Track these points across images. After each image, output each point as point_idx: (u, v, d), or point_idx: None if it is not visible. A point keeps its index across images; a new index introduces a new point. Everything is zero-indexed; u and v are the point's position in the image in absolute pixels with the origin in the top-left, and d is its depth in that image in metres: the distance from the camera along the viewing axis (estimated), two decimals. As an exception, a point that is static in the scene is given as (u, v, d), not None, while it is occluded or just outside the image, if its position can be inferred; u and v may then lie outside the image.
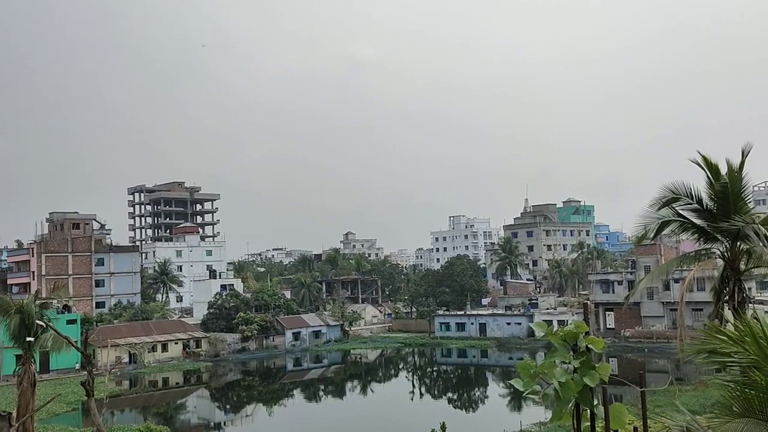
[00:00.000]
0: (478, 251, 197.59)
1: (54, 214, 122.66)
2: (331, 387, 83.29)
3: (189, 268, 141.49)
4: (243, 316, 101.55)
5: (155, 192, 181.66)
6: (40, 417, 49.54)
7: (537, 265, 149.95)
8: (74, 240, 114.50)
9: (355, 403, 73.28)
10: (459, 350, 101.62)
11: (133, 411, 68.29)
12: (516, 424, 49.55)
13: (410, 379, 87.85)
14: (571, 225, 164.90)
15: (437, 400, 74.85)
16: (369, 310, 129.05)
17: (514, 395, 73.20)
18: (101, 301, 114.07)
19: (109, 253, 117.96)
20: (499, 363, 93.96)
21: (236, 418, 68.33)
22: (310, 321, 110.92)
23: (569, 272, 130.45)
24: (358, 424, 58.19)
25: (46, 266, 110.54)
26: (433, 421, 37.90)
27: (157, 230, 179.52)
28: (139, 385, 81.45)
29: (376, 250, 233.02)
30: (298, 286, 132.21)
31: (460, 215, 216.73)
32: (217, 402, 76.73)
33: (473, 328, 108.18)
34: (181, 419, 67.29)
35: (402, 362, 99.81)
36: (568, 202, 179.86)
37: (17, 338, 40.58)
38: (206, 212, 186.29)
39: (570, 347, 5.54)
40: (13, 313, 40.49)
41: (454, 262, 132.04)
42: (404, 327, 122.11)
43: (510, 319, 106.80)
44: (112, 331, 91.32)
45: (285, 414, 69.30)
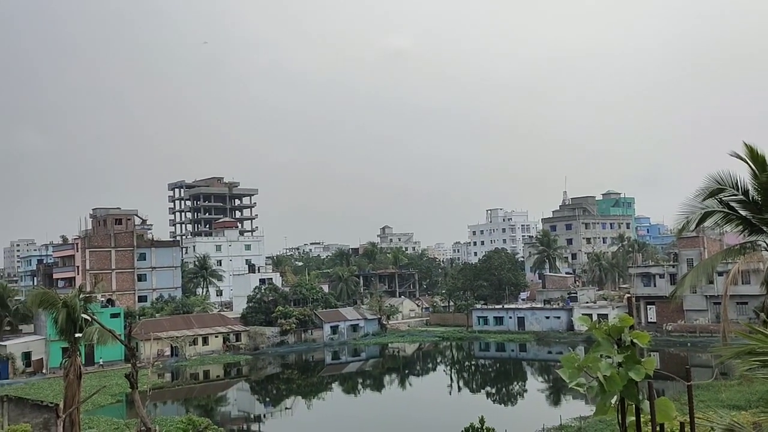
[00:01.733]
0: (516, 245, 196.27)
1: (97, 210, 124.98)
2: (369, 380, 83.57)
3: (228, 262, 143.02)
4: (282, 310, 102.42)
5: (195, 187, 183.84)
6: (85, 408, 50.60)
7: (576, 258, 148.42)
8: (117, 235, 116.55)
9: (393, 397, 73.45)
10: (497, 344, 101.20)
11: (175, 403, 69.36)
12: (555, 419, 49.23)
13: (448, 373, 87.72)
14: (611, 218, 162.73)
15: (475, 394, 74.65)
16: (406, 304, 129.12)
17: (554, 389, 72.73)
18: (143, 295, 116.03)
19: (150, 247, 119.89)
20: (538, 357, 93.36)
21: (276, 411, 68.99)
22: (348, 315, 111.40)
23: (609, 265, 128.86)
24: (396, 418, 58.36)
25: (90, 261, 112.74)
26: (472, 415, 37.90)
27: (196, 225, 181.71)
28: (181, 377, 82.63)
29: (413, 243, 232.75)
30: (336, 279, 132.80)
31: (498, 208, 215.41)
32: (257, 395, 77.52)
33: (512, 322, 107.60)
34: (222, 411, 68.14)
35: (440, 356, 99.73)
36: (607, 195, 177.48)
37: (64, 332, 41.51)
38: (245, 207, 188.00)
39: (614, 341, 5.51)
40: (60, 307, 41.43)
41: (492, 255, 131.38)
42: (442, 321, 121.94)
43: (549, 312, 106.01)
44: (154, 324, 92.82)
45: (324, 407, 69.75)
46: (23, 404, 40.00)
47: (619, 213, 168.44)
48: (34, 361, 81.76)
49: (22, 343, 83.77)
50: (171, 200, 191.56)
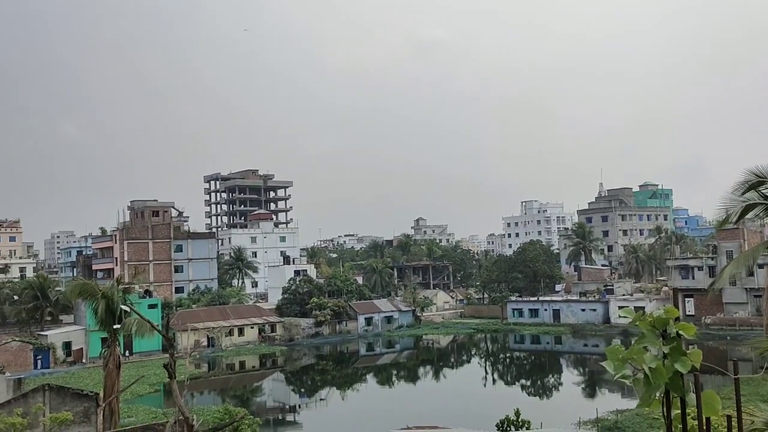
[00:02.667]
0: (551, 237, 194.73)
1: (135, 202, 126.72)
2: (403, 372, 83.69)
3: (263, 254, 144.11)
4: (316, 302, 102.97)
5: (230, 180, 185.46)
6: (124, 398, 51.42)
7: (612, 250, 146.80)
8: (154, 227, 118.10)
9: (427, 388, 73.44)
10: (532, 336, 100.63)
11: (211, 393, 70.19)
12: (591, 412, 48.76)
13: (483, 365, 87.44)
14: (648, 209, 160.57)
15: (510, 386, 74.31)
16: (441, 296, 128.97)
17: (589, 382, 72.14)
18: (180, 286, 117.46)
19: (187, 239, 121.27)
20: (573, 350, 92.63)
21: (311, 402, 69.49)
22: (383, 306, 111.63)
23: (646, 258, 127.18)
24: (430, 409, 58.28)
25: (128, 252, 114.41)
26: (507, 408, 37.80)
27: (232, 217, 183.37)
28: (217, 367, 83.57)
29: (447, 235, 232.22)
30: (370, 271, 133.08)
31: (533, 200, 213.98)
32: (292, 385, 78.10)
33: (547, 314, 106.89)
34: (258, 402, 68.78)
35: (474, 348, 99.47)
36: (644, 186, 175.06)
37: (103, 322, 42.20)
38: (279, 199, 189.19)
39: (659, 333, 5.40)
40: (99, 298, 42.12)
41: (527, 247, 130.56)
42: (476, 313, 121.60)
43: (585, 305, 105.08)
44: (191, 315, 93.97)
45: (358, 398, 70.04)
46: (64, 393, 40.74)
47: (656, 204, 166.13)
48: (74, 350, 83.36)
49: (62, 333, 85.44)
50: (207, 192, 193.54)
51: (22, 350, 78.40)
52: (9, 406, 37.51)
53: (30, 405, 37.18)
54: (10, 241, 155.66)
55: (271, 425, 56.87)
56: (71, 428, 35.99)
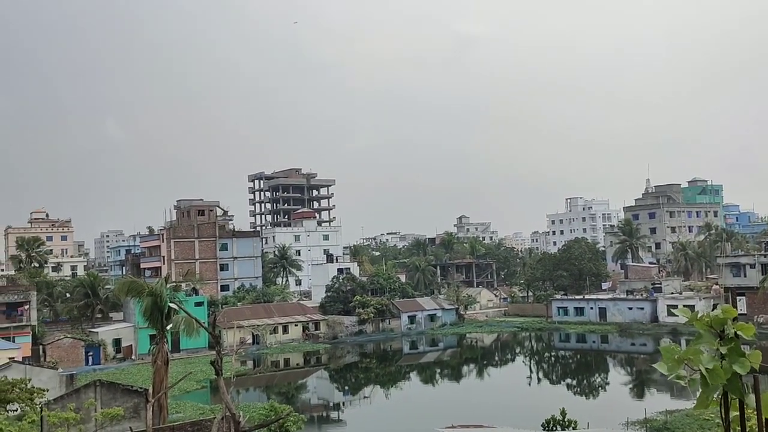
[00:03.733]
0: (596, 234, 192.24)
1: (181, 201, 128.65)
2: (447, 370, 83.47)
3: (307, 252, 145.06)
4: (359, 300, 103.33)
5: (274, 179, 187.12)
6: (172, 394, 52.22)
7: (660, 247, 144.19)
8: (200, 226, 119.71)
9: (471, 387, 73.12)
10: (578, 335, 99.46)
11: (257, 390, 70.94)
12: (640, 412, 48.01)
13: (527, 364, 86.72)
14: (697, 206, 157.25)
15: (556, 385, 73.52)
16: (484, 294, 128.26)
17: (637, 382, 71.03)
18: (225, 284, 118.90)
19: (232, 238, 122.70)
20: (620, 349, 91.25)
21: (354, 399, 69.70)
22: (426, 304, 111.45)
23: (695, 255, 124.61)
24: (474, 407, 58.00)
25: (174, 251, 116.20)
26: (553, 407, 37.41)
27: (276, 216, 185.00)
28: (262, 365, 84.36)
29: (490, 233, 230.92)
30: (413, 269, 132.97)
31: (578, 197, 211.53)
32: (335, 383, 78.48)
33: (593, 313, 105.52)
34: (302, 399, 69.28)
35: (519, 347, 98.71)
36: (693, 182, 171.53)
37: (151, 319, 43.00)
38: (322, 198, 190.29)
39: (717, 333, 5.25)
40: (146, 295, 42.91)
41: (572, 245, 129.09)
42: (520, 311, 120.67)
43: (632, 303, 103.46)
44: (236, 313, 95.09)
45: (402, 396, 70.03)
46: (115, 389, 41.61)
47: (706, 201, 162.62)
48: (124, 347, 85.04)
49: (112, 330, 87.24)
50: (251, 191, 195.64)
51: (74, 347, 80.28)
52: (62, 401, 38.46)
53: (82, 400, 38.05)
54: (62, 240, 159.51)
55: (316, 422, 57.24)
56: (121, 423, 36.71)
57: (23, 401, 37.51)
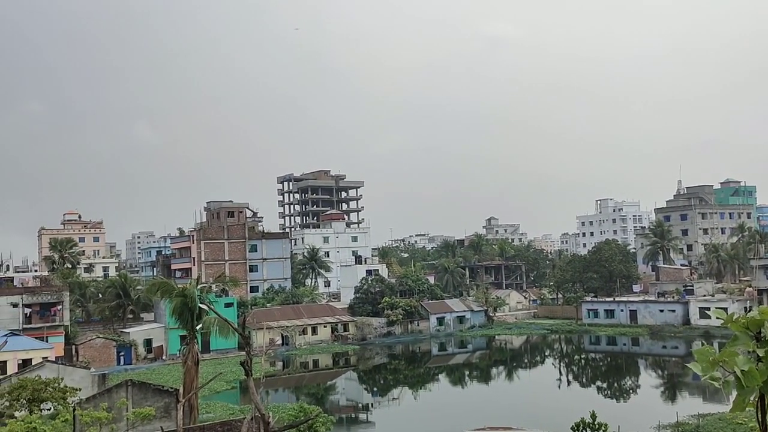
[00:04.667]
0: (627, 236, 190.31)
1: (211, 203, 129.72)
2: (476, 372, 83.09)
3: (335, 253, 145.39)
4: (388, 301, 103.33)
5: (303, 180, 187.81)
6: (202, 394, 52.67)
7: (692, 249, 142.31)
8: (230, 227, 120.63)
9: (501, 389, 72.71)
10: (608, 337, 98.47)
11: (286, 390, 71.22)
12: (671, 416, 47.38)
13: (557, 366, 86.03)
14: (730, 207, 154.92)
15: (586, 388, 72.84)
16: (513, 296, 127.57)
17: (669, 385, 70.08)
18: (255, 285, 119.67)
19: (261, 239, 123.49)
20: (651, 351, 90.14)
21: (383, 401, 69.66)
22: (454, 306, 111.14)
23: (728, 257, 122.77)
24: (504, 410, 57.70)
25: (204, 252, 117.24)
26: (582, 410, 37.00)
27: (305, 217, 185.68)
28: (291, 366, 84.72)
29: (519, 235, 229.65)
30: (442, 271, 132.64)
31: (608, 198, 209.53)
32: (364, 384, 78.49)
33: (623, 315, 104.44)
34: (331, 400, 69.38)
35: (548, 349, 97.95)
36: (726, 183, 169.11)
37: (181, 319, 43.39)
38: (351, 199, 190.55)
39: (753, 335, 5.17)
40: (176, 296, 43.32)
41: (602, 246, 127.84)
42: (550, 313, 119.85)
43: (663, 305, 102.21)
44: (266, 314, 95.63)
45: (431, 398, 69.83)
46: (146, 389, 42.07)
47: (739, 202, 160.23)
48: (155, 347, 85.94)
49: (143, 330, 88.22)
50: (280, 193, 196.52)
51: (106, 347, 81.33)
52: (95, 400, 38.97)
53: (114, 400, 38.52)
54: (94, 241, 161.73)
55: (344, 423, 57.30)
56: (152, 423, 37.09)
57: (56, 400, 38.10)
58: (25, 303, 79.23)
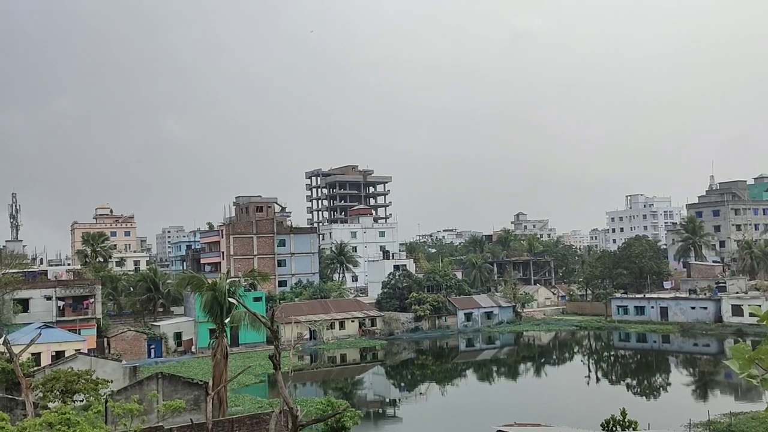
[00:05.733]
0: (657, 232, 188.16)
1: (240, 198, 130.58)
2: (504, 368, 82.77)
3: (363, 248, 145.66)
4: (416, 296, 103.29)
5: (331, 176, 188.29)
6: (231, 387, 53.10)
7: (724, 246, 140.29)
8: (258, 222, 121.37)
9: (529, 386, 72.38)
10: (638, 335, 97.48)
11: (314, 385, 71.57)
12: (702, 414, 46.80)
13: (586, 363, 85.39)
14: (764, 203, 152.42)
15: (615, 385, 72.18)
16: (542, 292, 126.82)
17: (700, 383, 69.24)
18: (283, 280, 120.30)
19: (289, 234, 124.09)
20: (682, 349, 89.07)
21: (411, 396, 69.67)
22: (482, 302, 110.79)
23: (762, 254, 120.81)
24: (532, 406, 57.42)
25: (233, 247, 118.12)
26: (612, 407, 36.73)
27: (333, 212, 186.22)
28: (319, 360, 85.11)
29: (548, 230, 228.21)
30: (469, 266, 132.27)
31: (638, 194, 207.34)
32: (392, 379, 78.57)
33: (653, 312, 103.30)
34: (359, 394, 69.54)
35: (577, 346, 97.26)
36: (760, 179, 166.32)
37: (211, 313, 43.77)
38: (379, 194, 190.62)
39: (790, 332, 5.10)
40: (206, 290, 43.70)
41: (633, 242, 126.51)
42: (579, 309, 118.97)
43: (695, 303, 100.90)
44: (294, 308, 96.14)
45: (458, 393, 69.73)
46: (176, 381, 42.52)
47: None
48: (185, 341, 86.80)
49: (173, 323, 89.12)
50: (308, 188, 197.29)
51: (137, 339, 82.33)
52: (126, 392, 39.49)
53: (145, 392, 38.99)
54: (125, 235, 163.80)
55: (372, 418, 57.42)
56: (183, 415, 37.48)
57: (89, 392, 38.65)
58: (59, 296, 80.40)
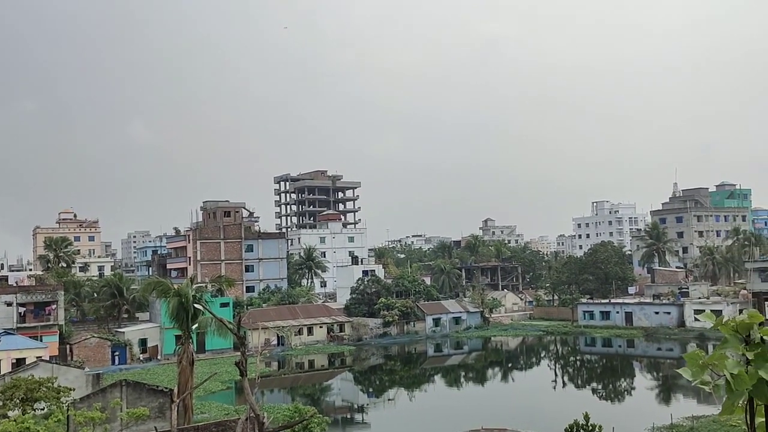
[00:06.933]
0: (623, 238, 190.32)
1: (207, 202, 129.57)
2: (471, 373, 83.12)
3: (332, 254, 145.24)
4: (384, 302, 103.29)
5: (299, 181, 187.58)
6: (197, 394, 52.56)
7: (687, 252, 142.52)
8: (226, 227, 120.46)
9: (496, 390, 72.75)
10: (603, 339, 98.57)
11: (281, 391, 71.18)
12: (666, 418, 47.45)
13: (552, 368, 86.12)
14: (725, 210, 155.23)
15: (580, 389, 72.93)
16: (509, 297, 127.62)
17: (663, 387, 70.17)
18: (251, 285, 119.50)
19: (257, 239, 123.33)
20: (646, 353, 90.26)
21: (379, 401, 69.64)
22: (450, 307, 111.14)
23: (723, 260, 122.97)
24: (499, 411, 57.72)
25: (200, 252, 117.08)
26: (577, 412, 37.01)
27: (301, 217, 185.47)
28: (287, 366, 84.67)
29: (516, 236, 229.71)
30: (438, 272, 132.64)
31: (604, 201, 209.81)
32: (360, 385, 78.45)
33: (619, 317, 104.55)
34: (327, 400, 69.32)
35: (544, 350, 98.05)
36: (721, 186, 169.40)
37: (176, 319, 43.32)
38: (348, 200, 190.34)
39: (743, 338, 5.17)
40: (172, 296, 43.24)
41: (598, 248, 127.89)
42: (546, 315, 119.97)
43: (658, 308, 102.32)
44: (262, 314, 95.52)
45: (426, 399, 69.84)
46: (140, 389, 41.99)
47: (734, 205, 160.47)
48: (150, 347, 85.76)
49: (138, 330, 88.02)
50: (277, 193, 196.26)
51: (101, 346, 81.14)
52: (88, 400, 38.88)
53: (108, 400, 38.43)
54: (89, 240, 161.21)
55: (340, 424, 57.25)
56: (147, 423, 37.01)
57: (50, 400, 37.98)
58: (20, 302, 78.96)
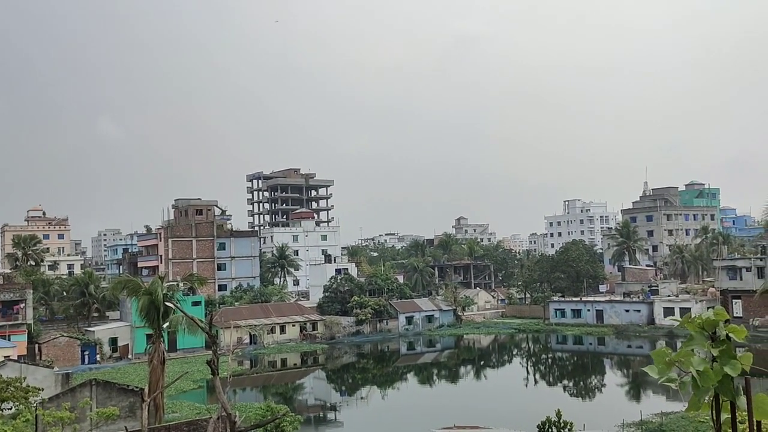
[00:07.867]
0: (594, 236, 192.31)
1: (179, 200, 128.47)
2: (444, 371, 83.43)
3: (305, 252, 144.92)
4: (357, 300, 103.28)
5: (272, 179, 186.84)
6: (168, 393, 52.14)
7: (657, 250, 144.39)
8: (198, 225, 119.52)
9: (468, 388, 73.08)
10: (575, 337, 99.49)
11: (253, 390, 70.87)
12: (635, 414, 48.03)
13: (524, 366, 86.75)
14: (695, 209, 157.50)
15: (552, 387, 73.54)
16: (482, 296, 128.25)
17: (633, 384, 71.03)
18: (223, 284, 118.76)
19: (230, 237, 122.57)
20: (617, 351, 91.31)
21: (352, 400, 69.63)
22: (423, 305, 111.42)
23: (692, 258, 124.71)
24: (471, 409, 58.01)
25: (172, 250, 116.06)
26: (549, 409, 37.35)
27: (274, 216, 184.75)
28: (259, 365, 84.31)
29: (488, 235, 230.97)
30: (411, 270, 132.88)
31: (576, 199, 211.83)
32: (332, 383, 78.40)
33: (590, 315, 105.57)
34: (299, 399, 69.18)
35: (516, 348, 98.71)
36: (690, 185, 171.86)
37: (147, 318, 42.94)
38: (321, 198, 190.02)
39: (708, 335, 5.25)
40: (142, 294, 42.87)
41: (570, 247, 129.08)
42: (518, 313, 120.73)
43: (629, 305, 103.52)
44: (234, 312, 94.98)
45: (399, 397, 70.03)
46: (110, 388, 41.54)
47: (703, 204, 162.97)
48: (120, 346, 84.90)
49: (108, 329, 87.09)
50: (249, 191, 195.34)
51: (70, 345, 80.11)
52: (57, 400, 38.39)
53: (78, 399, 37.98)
54: (58, 238, 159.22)
55: (312, 423, 57.18)
56: (117, 423, 36.64)
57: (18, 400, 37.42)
58: (-13, 301, 77.71)
